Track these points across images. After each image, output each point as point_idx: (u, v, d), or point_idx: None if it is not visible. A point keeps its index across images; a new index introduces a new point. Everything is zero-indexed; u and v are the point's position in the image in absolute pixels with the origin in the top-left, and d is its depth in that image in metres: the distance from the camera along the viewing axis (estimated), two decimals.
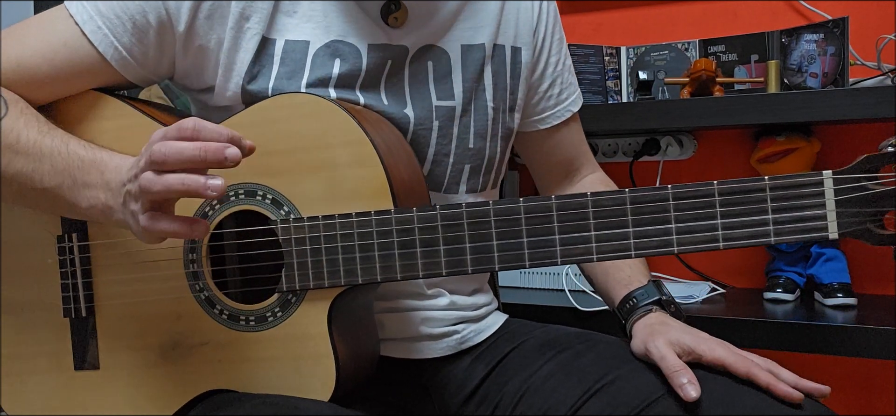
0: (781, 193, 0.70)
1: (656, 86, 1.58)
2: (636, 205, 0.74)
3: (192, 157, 0.70)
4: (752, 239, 0.73)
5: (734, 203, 0.71)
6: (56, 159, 0.82)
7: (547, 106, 1.09)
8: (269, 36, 0.90)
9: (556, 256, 0.77)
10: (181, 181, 0.70)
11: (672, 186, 0.74)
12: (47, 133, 0.84)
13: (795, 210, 0.70)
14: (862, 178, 0.68)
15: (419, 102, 0.95)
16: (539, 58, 1.06)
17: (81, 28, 0.87)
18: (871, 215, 0.68)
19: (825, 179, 0.69)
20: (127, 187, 0.77)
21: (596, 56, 1.62)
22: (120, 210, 0.79)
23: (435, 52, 0.96)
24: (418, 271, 0.80)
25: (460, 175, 0.98)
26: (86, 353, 0.91)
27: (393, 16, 0.92)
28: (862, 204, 0.68)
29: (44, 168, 0.82)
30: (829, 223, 0.69)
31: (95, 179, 0.81)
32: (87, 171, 0.82)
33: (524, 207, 0.77)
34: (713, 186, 0.72)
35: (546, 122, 1.09)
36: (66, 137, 0.84)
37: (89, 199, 0.81)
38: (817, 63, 1.41)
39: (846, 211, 0.69)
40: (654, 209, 0.74)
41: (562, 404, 0.88)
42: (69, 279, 0.90)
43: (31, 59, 0.87)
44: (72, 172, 0.82)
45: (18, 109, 0.85)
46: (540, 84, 1.07)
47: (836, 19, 1.40)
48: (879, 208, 0.67)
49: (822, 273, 1.44)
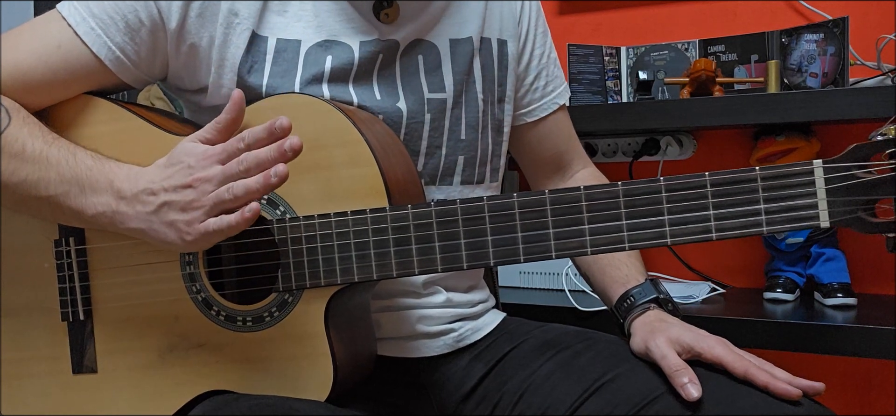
0: (773, 183, 0.71)
1: (656, 86, 1.58)
2: (629, 198, 0.74)
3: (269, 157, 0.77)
4: (745, 229, 0.74)
5: (726, 194, 0.72)
6: (63, 168, 0.83)
7: (533, 98, 1.10)
8: (260, 32, 0.91)
9: (550, 249, 0.77)
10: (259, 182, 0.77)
11: (664, 178, 0.75)
12: (53, 143, 0.85)
13: (787, 199, 0.70)
14: (852, 167, 0.69)
15: (411, 94, 0.95)
16: (524, 49, 1.08)
17: (74, 29, 0.88)
18: (862, 204, 0.68)
19: (815, 167, 0.70)
20: (165, 198, 0.80)
21: (596, 56, 1.61)
22: (143, 219, 0.81)
23: (424, 46, 0.97)
24: (414, 267, 0.81)
25: (454, 167, 0.99)
26: (83, 356, 0.91)
27: (384, 12, 0.93)
28: (853, 192, 0.68)
29: (50, 176, 0.83)
30: (821, 212, 0.69)
31: (104, 186, 0.82)
32: (96, 179, 0.83)
33: (518, 201, 0.77)
34: (705, 178, 0.72)
35: (533, 114, 1.11)
36: (72, 146, 0.85)
37: (97, 206, 0.83)
38: (817, 63, 1.41)
39: (837, 200, 0.69)
40: (648, 202, 0.74)
41: (561, 403, 0.89)
42: (67, 283, 0.90)
43: (25, 61, 0.88)
44: (79, 180, 0.83)
45: (21, 118, 0.86)
46: (525, 76, 1.09)
47: (836, 19, 1.40)
48: (870, 197, 0.68)
49: (821, 273, 1.44)
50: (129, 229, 0.82)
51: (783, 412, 0.78)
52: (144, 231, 0.82)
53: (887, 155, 0.67)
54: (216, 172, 0.79)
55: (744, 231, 0.74)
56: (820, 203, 0.69)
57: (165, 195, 0.80)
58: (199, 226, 0.79)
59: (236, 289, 0.89)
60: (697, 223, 0.76)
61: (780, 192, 0.70)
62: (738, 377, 0.81)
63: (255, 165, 0.78)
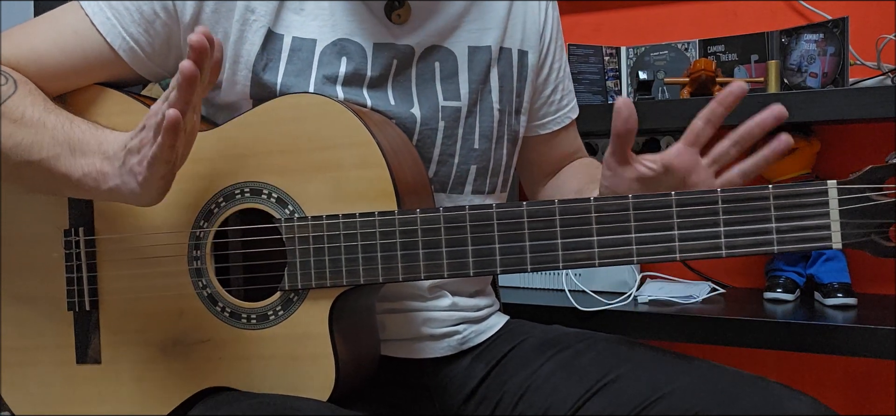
0: (785, 202, 0.69)
1: (656, 86, 1.58)
2: (639, 211, 0.74)
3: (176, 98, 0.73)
4: (756, 247, 0.73)
5: (737, 211, 0.71)
6: (57, 132, 0.83)
7: (548, 112, 1.10)
8: (276, 30, 0.91)
9: (558, 260, 0.76)
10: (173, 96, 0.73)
11: (676, 192, 0.74)
12: (53, 111, 0.85)
13: (799, 219, 0.69)
14: (866, 188, 0.67)
15: (426, 101, 0.95)
16: (545, 62, 1.07)
17: (91, 19, 0.89)
18: (875, 227, 0.67)
19: (829, 188, 0.68)
20: (129, 147, 0.78)
21: (596, 56, 1.62)
22: (116, 174, 0.79)
23: (442, 53, 0.97)
24: (420, 272, 0.81)
25: (466, 176, 0.98)
26: (88, 347, 0.91)
27: (396, 12, 0.93)
28: (866, 215, 0.67)
29: (44, 139, 0.83)
30: (833, 234, 0.68)
31: (93, 148, 0.82)
32: (87, 141, 0.82)
33: (527, 210, 0.77)
34: (717, 194, 0.71)
35: (546, 127, 1.10)
36: (71, 116, 0.85)
37: (83, 166, 0.82)
38: (817, 63, 1.42)
39: (850, 222, 0.68)
40: (658, 216, 0.73)
41: (563, 403, 0.89)
42: (74, 273, 0.91)
43: (41, 46, 0.89)
44: (71, 143, 0.82)
45: (27, 90, 0.86)
46: (544, 89, 1.08)
47: (835, 19, 1.40)
48: (884, 220, 0.67)
49: (822, 273, 1.44)
50: (109, 189, 0.80)
51: (783, 411, 0.77)
52: (119, 187, 0.80)
53: None
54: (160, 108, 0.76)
55: (754, 249, 0.73)
56: (833, 224, 0.68)
57: (129, 144, 0.78)
58: (145, 162, 0.76)
59: (242, 286, 0.90)
60: (707, 239, 0.75)
61: (793, 211, 0.69)
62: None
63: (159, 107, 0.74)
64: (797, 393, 0.81)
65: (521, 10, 1.03)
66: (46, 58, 0.89)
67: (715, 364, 0.87)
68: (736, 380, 0.82)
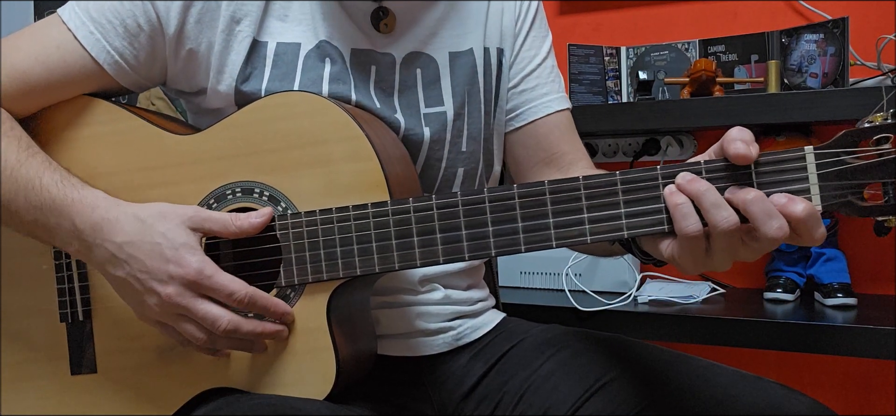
0: (766, 169, 0.71)
1: (656, 86, 1.58)
2: (627, 186, 0.75)
3: (266, 333, 0.83)
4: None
5: (721, 179, 0.72)
6: (30, 195, 0.83)
7: (518, 101, 1.05)
8: (260, 39, 0.91)
9: (550, 239, 0.77)
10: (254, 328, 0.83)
11: (661, 166, 0.75)
12: (25, 162, 0.84)
13: (781, 185, 0.71)
14: (841, 152, 0.70)
15: (407, 108, 0.95)
16: (518, 52, 1.04)
17: (73, 33, 0.88)
18: (852, 188, 0.70)
19: (807, 153, 0.71)
20: (162, 291, 0.80)
21: (596, 56, 1.62)
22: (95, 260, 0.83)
23: (423, 60, 0.96)
24: (416, 259, 0.81)
25: (453, 178, 0.98)
26: (83, 357, 0.90)
27: (383, 22, 0.93)
28: (843, 177, 0.70)
29: (19, 201, 0.83)
30: (813, 197, 0.70)
31: (66, 226, 0.82)
32: (59, 214, 0.82)
33: (518, 192, 0.78)
34: (700, 165, 0.72)
35: (523, 117, 1.05)
36: (41, 167, 0.84)
37: (62, 242, 0.83)
38: (817, 63, 1.42)
39: (828, 184, 0.70)
40: (645, 189, 0.74)
41: (563, 402, 0.89)
42: (66, 283, 0.90)
43: (24, 62, 0.88)
44: (44, 212, 0.83)
45: (2, 131, 0.85)
46: (517, 77, 1.04)
47: (836, 19, 1.40)
48: (859, 181, 0.69)
49: (822, 273, 1.44)
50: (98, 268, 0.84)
51: (782, 411, 0.78)
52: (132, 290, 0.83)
53: (874, 141, 0.68)
54: (202, 310, 0.81)
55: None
56: (812, 188, 0.70)
57: (165, 288, 0.81)
58: (189, 325, 0.82)
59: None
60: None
61: (774, 177, 0.71)
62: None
63: (248, 328, 0.82)
64: (796, 393, 0.81)
65: (498, 9, 1.02)
66: (29, 74, 0.88)
67: (714, 364, 0.87)
68: (735, 380, 0.82)
